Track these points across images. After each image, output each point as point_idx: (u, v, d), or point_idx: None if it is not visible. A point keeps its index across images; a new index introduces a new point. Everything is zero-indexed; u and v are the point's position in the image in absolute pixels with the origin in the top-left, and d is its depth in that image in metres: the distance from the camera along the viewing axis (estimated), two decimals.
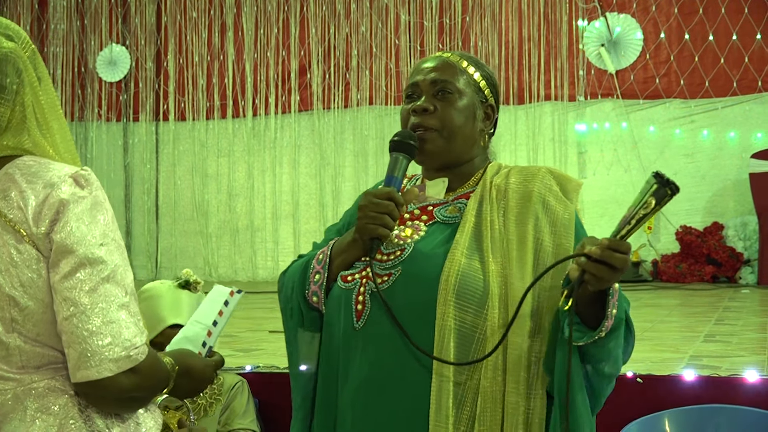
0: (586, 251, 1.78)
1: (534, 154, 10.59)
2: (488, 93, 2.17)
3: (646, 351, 5.04)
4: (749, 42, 10.10)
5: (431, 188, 2.13)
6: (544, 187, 2.07)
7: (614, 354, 1.92)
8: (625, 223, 1.79)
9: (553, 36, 10.65)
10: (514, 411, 1.92)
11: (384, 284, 1.99)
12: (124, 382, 1.57)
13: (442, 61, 2.14)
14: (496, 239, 2.01)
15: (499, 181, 2.10)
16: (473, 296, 1.94)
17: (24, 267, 1.58)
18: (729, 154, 10.18)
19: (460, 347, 1.94)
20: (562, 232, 2.02)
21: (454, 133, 2.09)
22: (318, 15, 11.27)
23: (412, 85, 2.13)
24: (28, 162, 1.65)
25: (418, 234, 2.06)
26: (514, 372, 1.93)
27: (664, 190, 1.74)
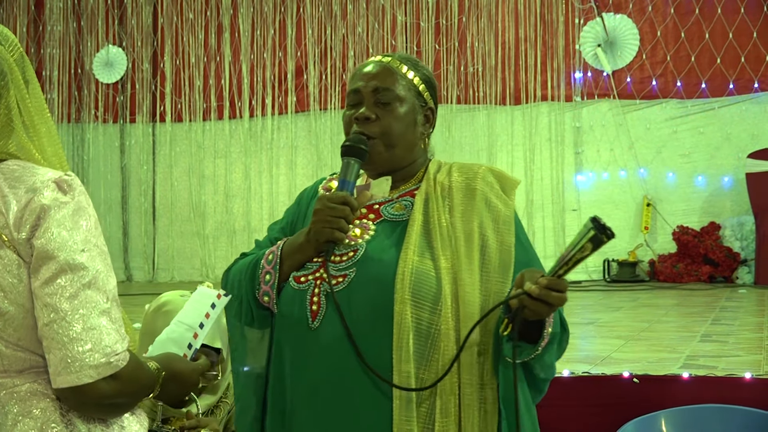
0: (526, 289, 1.88)
1: (531, 155, 10.60)
2: (427, 96, 2.22)
3: (642, 351, 5.04)
4: (745, 42, 10.11)
5: (376, 187, 2.18)
6: (486, 185, 2.15)
7: (548, 362, 2.05)
8: (562, 264, 1.87)
9: (549, 36, 10.66)
10: (469, 402, 2.01)
11: (339, 285, 2.04)
12: (104, 389, 1.56)
13: (382, 66, 2.19)
14: (444, 236, 2.09)
15: (442, 178, 2.17)
16: (428, 294, 2.01)
17: (4, 272, 1.57)
18: (725, 154, 10.19)
19: (417, 344, 2.01)
20: (504, 229, 2.11)
21: (395, 140, 2.14)
22: (314, 16, 11.27)
23: (353, 91, 2.17)
24: (12, 166, 1.63)
25: (368, 233, 2.12)
26: (467, 366, 2.02)
27: (600, 237, 1.81)
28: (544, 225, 10.37)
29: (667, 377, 4.03)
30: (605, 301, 8.44)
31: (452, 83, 10.78)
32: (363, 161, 2.12)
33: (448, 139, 10.76)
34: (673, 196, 10.35)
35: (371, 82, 2.15)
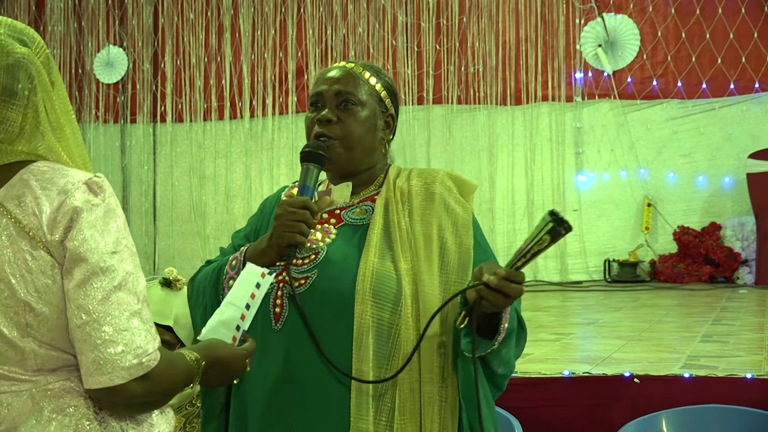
0: (484, 279, 1.92)
1: (531, 155, 10.59)
2: (389, 103, 2.28)
3: (643, 351, 5.04)
4: (746, 42, 10.10)
5: (337, 192, 2.23)
6: (445, 189, 2.21)
7: (506, 358, 2.09)
8: (520, 256, 1.91)
9: (550, 36, 10.66)
10: (430, 399, 2.06)
11: (301, 287, 2.09)
12: (135, 389, 1.59)
13: (345, 71, 2.25)
14: (404, 239, 2.15)
15: (401, 183, 2.23)
16: (388, 295, 2.07)
17: (39, 273, 1.61)
18: (726, 155, 10.18)
19: (377, 343, 2.06)
20: (463, 232, 2.17)
21: (355, 143, 2.20)
22: (315, 16, 11.27)
23: (316, 94, 2.23)
24: (42, 168, 1.67)
25: (329, 237, 2.18)
26: (427, 364, 2.07)
27: (559, 229, 1.84)
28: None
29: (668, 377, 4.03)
30: (606, 302, 8.44)
31: (453, 83, 10.78)
32: (322, 166, 2.17)
33: (448, 140, 10.77)
34: (674, 197, 10.34)
35: (334, 85, 2.21)
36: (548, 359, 4.70)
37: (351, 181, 2.24)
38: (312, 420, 2.05)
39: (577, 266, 10.25)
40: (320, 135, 2.19)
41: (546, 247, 1.88)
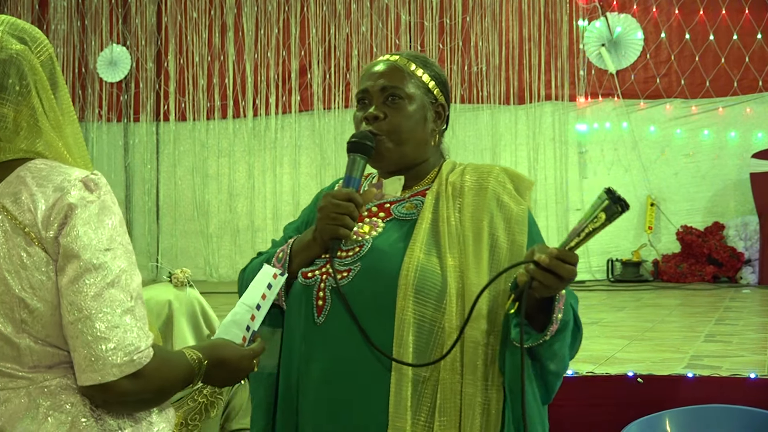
0: (536, 258, 1.85)
1: (534, 154, 10.59)
2: (437, 93, 2.21)
3: (646, 351, 5.04)
4: (750, 42, 10.10)
5: (388, 186, 2.19)
6: (499, 185, 2.13)
7: (559, 354, 2.00)
8: (574, 235, 1.85)
9: (553, 36, 10.65)
10: (471, 402, 1.99)
11: (344, 280, 2.04)
12: (126, 386, 1.58)
13: (390, 65, 2.19)
14: (452, 235, 2.08)
15: (454, 178, 2.17)
16: (432, 291, 2.01)
17: (34, 269, 1.60)
18: (730, 154, 10.18)
19: (418, 340, 2.00)
20: (516, 229, 2.09)
21: (404, 138, 2.14)
22: (318, 15, 11.27)
23: (362, 90, 2.18)
24: (39, 165, 1.66)
25: (376, 230, 2.12)
26: (471, 365, 2.00)
27: (615, 206, 1.79)
28: (548, 225, 10.35)
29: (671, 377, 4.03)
30: (609, 301, 8.43)
31: (456, 83, 10.77)
32: (368, 157, 2.12)
33: (452, 139, 10.75)
34: (677, 196, 10.33)
35: (379, 81, 2.16)
36: None
37: (403, 175, 2.19)
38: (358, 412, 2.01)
39: (580, 266, 9.91)
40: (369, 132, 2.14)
41: (601, 226, 1.81)
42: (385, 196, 2.18)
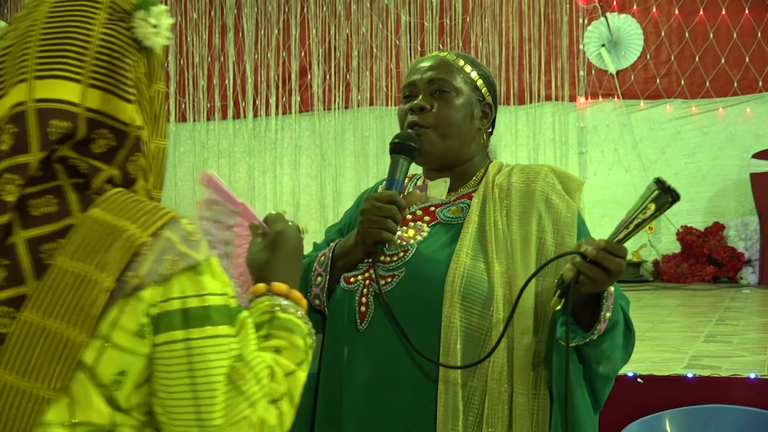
0: (582, 251, 1.79)
1: (534, 155, 10.59)
2: (485, 91, 2.18)
3: (646, 351, 5.04)
4: (750, 42, 10.09)
5: (433, 189, 2.12)
6: (547, 185, 2.07)
7: (609, 355, 1.92)
8: (623, 227, 1.80)
9: (553, 36, 10.65)
10: (522, 412, 1.93)
11: (387, 285, 1.98)
12: None
13: (438, 60, 2.14)
14: (500, 240, 2.01)
15: (501, 180, 2.11)
16: (478, 298, 1.94)
17: None
18: (730, 154, 10.17)
19: (466, 348, 1.94)
20: (565, 231, 2.02)
21: (451, 131, 2.08)
22: (318, 16, 11.27)
23: (409, 84, 2.12)
24: None
25: (421, 235, 2.06)
26: (521, 373, 1.93)
27: (665, 197, 1.77)
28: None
29: (671, 377, 4.03)
30: None
31: None
32: (412, 158, 2.06)
33: None
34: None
35: (427, 73, 2.11)
36: None
37: (448, 177, 2.12)
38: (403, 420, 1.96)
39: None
40: (414, 124, 2.08)
41: (651, 217, 1.77)
42: (430, 199, 2.11)
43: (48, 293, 1.27)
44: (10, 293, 1.27)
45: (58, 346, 1.26)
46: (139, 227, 1.32)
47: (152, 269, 1.30)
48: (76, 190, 1.33)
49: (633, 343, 2.01)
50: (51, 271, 1.28)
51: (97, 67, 1.37)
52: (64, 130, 1.33)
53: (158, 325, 1.31)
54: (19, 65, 1.35)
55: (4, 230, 1.29)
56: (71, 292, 1.27)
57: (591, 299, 1.87)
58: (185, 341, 1.32)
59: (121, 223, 1.31)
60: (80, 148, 1.35)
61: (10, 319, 1.27)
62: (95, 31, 1.38)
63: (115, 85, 1.39)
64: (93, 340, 1.28)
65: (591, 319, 1.87)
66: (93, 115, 1.36)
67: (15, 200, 1.30)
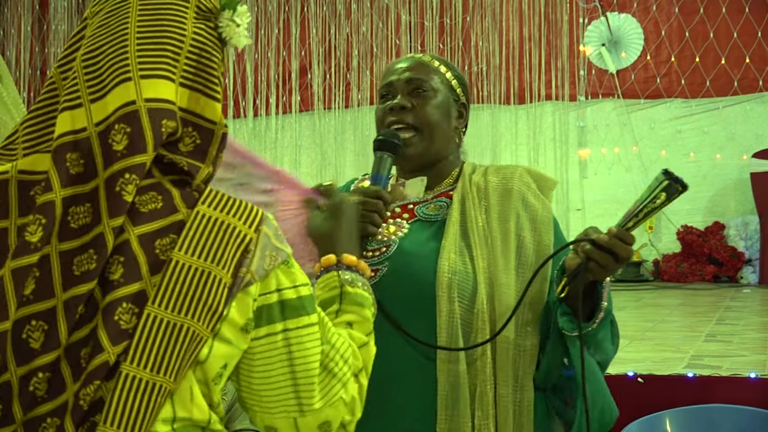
0: (594, 238, 1.85)
1: (535, 154, 10.59)
2: (460, 92, 2.21)
3: (647, 351, 5.04)
4: (750, 41, 10.09)
5: (411, 187, 2.16)
6: (523, 185, 2.13)
7: (603, 345, 2.00)
8: (631, 216, 1.86)
9: (553, 36, 10.65)
10: (504, 403, 1.99)
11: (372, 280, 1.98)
12: None
13: (415, 61, 2.20)
14: (481, 237, 2.07)
15: (478, 179, 2.16)
16: (464, 292, 2.00)
17: None
18: (730, 154, 10.17)
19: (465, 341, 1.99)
20: (543, 229, 2.09)
21: (432, 130, 2.12)
22: (319, 15, 11.27)
23: (386, 85, 2.17)
24: None
25: (402, 231, 2.11)
26: (503, 365, 2.00)
27: (675, 186, 1.83)
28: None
29: (671, 377, 4.03)
30: None
31: None
32: (396, 155, 2.09)
33: None
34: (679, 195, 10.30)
35: (405, 74, 2.15)
36: None
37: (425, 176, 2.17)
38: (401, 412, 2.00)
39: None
40: (393, 123, 2.12)
41: (660, 206, 1.84)
42: (408, 197, 2.16)
43: (171, 288, 1.29)
44: (129, 290, 1.28)
45: (185, 339, 1.28)
46: (245, 223, 1.35)
47: (259, 265, 1.34)
48: (175, 187, 1.34)
49: (618, 334, 2.07)
50: (171, 266, 1.29)
51: (188, 66, 1.38)
52: (172, 130, 1.34)
53: (260, 318, 1.36)
54: (119, 64, 1.34)
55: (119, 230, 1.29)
56: (193, 287, 1.29)
57: (587, 292, 1.92)
58: (284, 332, 1.37)
59: (229, 220, 1.34)
60: (170, 146, 1.36)
61: (133, 315, 1.28)
62: (188, 30, 1.39)
63: (204, 84, 1.40)
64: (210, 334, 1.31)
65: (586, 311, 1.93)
66: (184, 115, 1.37)
67: (132, 200, 1.30)
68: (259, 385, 1.39)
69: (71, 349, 1.26)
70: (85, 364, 1.26)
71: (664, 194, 1.83)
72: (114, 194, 1.28)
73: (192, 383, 1.32)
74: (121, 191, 1.29)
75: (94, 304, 1.28)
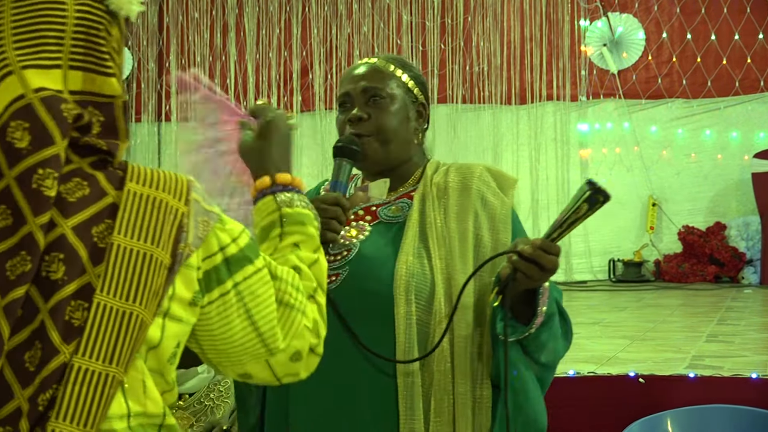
0: (519, 249, 1.90)
1: (536, 154, 10.59)
2: (417, 92, 2.23)
3: (648, 351, 5.04)
4: (751, 42, 10.09)
5: (374, 189, 2.19)
6: (483, 184, 2.16)
7: (548, 346, 2.04)
8: (556, 227, 1.92)
9: (555, 36, 10.65)
10: (463, 400, 2.02)
11: (332, 284, 2.04)
12: None
13: (370, 67, 2.21)
14: (439, 237, 2.10)
15: (438, 179, 2.18)
16: (422, 293, 2.03)
17: None
18: (731, 154, 10.17)
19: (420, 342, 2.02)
20: (501, 228, 2.12)
21: (389, 137, 2.15)
22: (320, 15, 11.27)
23: (344, 94, 2.19)
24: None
25: (363, 234, 2.14)
26: (461, 363, 2.03)
27: (596, 197, 1.86)
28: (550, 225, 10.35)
29: (672, 377, 4.04)
30: (611, 301, 8.43)
31: (457, 83, 10.77)
32: (355, 161, 2.13)
33: (453, 139, 10.75)
34: (679, 196, 10.33)
35: (360, 83, 2.17)
36: None
37: (388, 178, 2.19)
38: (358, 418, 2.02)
39: (581, 266, 10.24)
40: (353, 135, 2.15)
41: (583, 216, 1.88)
42: (371, 199, 2.19)
43: (116, 273, 1.27)
44: (74, 286, 1.26)
45: (134, 326, 1.27)
46: (175, 197, 1.34)
47: (194, 235, 1.34)
48: (97, 169, 1.32)
49: (571, 331, 2.12)
50: (113, 250, 1.27)
51: (75, 48, 1.34)
52: (77, 114, 1.31)
53: (209, 282, 1.35)
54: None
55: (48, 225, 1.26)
56: (138, 272, 1.28)
57: (527, 294, 1.97)
58: (235, 287, 1.36)
59: (161, 195, 1.33)
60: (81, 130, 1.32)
61: (84, 310, 1.26)
62: (69, 11, 1.34)
63: (97, 63, 1.35)
64: (156, 317, 1.29)
65: (529, 314, 1.98)
66: (81, 97, 1.33)
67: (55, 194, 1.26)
68: (223, 343, 1.38)
69: (14, 353, 1.23)
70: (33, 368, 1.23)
71: (586, 205, 1.86)
72: (32, 192, 1.24)
73: (144, 375, 1.30)
74: (40, 187, 1.25)
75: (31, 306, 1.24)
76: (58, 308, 1.24)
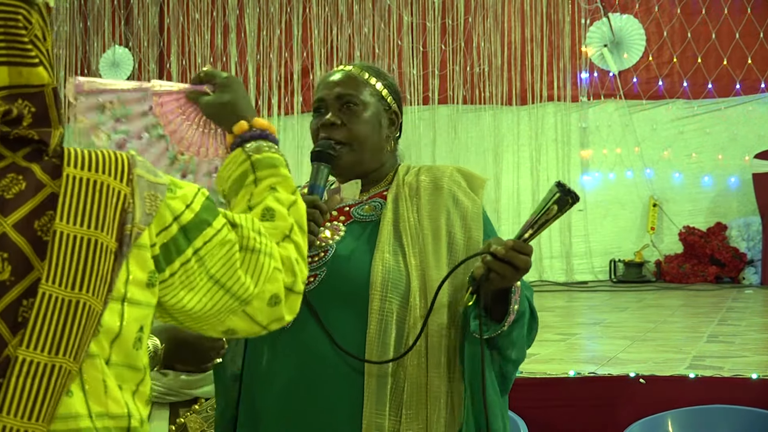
0: (492, 250, 1.95)
1: (537, 155, 10.59)
2: (391, 100, 2.28)
3: (649, 351, 5.04)
4: (752, 42, 10.09)
5: (346, 190, 2.24)
6: (453, 183, 2.21)
7: (518, 342, 2.09)
8: (528, 227, 1.97)
9: (555, 37, 10.66)
10: (436, 394, 2.06)
11: (310, 285, 2.08)
12: None
13: (345, 74, 2.26)
14: (413, 235, 2.15)
15: (410, 179, 2.24)
16: (398, 290, 2.08)
17: None
18: (732, 155, 10.17)
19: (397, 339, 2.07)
20: (473, 226, 2.18)
21: (361, 144, 2.20)
22: (320, 16, 11.28)
23: (318, 99, 2.25)
24: None
25: (338, 234, 2.18)
26: (434, 357, 2.07)
27: (566, 198, 1.93)
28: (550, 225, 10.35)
29: (673, 378, 4.04)
30: (611, 302, 8.44)
31: (458, 83, 10.78)
32: (332, 165, 2.17)
33: (454, 140, 10.76)
34: (680, 197, 10.33)
35: (335, 89, 2.22)
36: (554, 359, 4.71)
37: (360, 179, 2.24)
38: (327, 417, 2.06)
39: (582, 266, 10.24)
40: (326, 140, 2.20)
41: (553, 218, 1.93)
42: (344, 200, 2.23)
43: (61, 261, 1.24)
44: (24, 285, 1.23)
45: (82, 315, 1.24)
46: (116, 178, 1.30)
47: (142, 213, 1.31)
48: (32, 161, 1.29)
49: (536, 329, 2.17)
50: (57, 238, 1.24)
51: None
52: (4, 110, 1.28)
53: (168, 254, 1.34)
54: None
55: None
56: (83, 258, 1.25)
57: (500, 293, 2.02)
58: (195, 254, 1.35)
59: (101, 178, 1.29)
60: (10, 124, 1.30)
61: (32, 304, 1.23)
62: None
63: (20, 55, 1.32)
64: (112, 303, 1.26)
65: (501, 312, 2.03)
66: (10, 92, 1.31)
67: None
68: (195, 309, 1.38)
69: None
70: None
71: (555, 206, 1.91)
72: None
73: (105, 375, 1.27)
74: None
75: None
76: (9, 310, 1.22)
